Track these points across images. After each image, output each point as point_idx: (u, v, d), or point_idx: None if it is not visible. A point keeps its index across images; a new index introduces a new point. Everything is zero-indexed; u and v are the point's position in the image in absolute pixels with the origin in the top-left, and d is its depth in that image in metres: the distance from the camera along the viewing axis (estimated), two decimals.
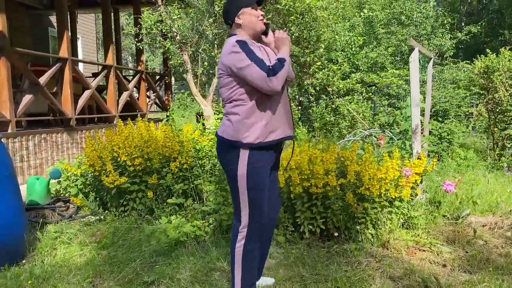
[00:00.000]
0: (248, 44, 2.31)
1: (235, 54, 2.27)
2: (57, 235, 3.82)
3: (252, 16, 2.42)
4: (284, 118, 2.43)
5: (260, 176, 2.40)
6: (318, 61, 7.20)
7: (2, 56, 5.38)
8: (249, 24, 2.42)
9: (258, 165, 2.38)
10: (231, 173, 2.41)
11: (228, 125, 2.40)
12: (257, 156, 2.37)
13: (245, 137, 2.33)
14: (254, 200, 2.42)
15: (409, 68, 4.02)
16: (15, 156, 5.49)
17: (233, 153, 2.38)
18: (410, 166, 3.71)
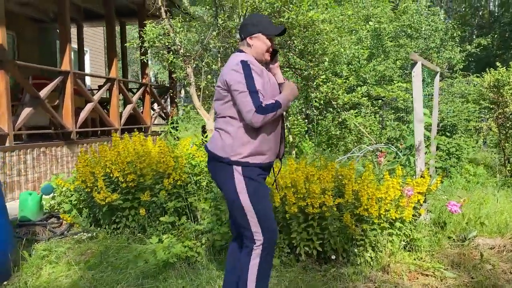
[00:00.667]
0: (250, 67, 2.28)
1: (236, 74, 2.27)
2: (46, 253, 3.71)
3: (263, 45, 2.42)
4: (273, 144, 2.41)
5: (260, 186, 2.36)
6: (322, 74, 7.08)
7: (2, 69, 5.36)
8: (258, 49, 2.43)
9: (253, 177, 2.33)
10: (230, 193, 2.35)
11: (218, 140, 2.38)
12: (250, 169, 2.33)
13: (233, 154, 2.31)
14: (262, 213, 2.35)
15: (412, 82, 3.87)
16: (12, 170, 5.43)
17: (226, 170, 2.34)
18: (413, 185, 3.54)
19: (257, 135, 2.30)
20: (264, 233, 2.33)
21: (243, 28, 2.46)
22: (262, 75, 2.32)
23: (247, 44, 2.43)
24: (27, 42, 10.44)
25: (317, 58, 7.18)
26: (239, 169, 2.30)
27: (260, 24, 2.42)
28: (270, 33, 2.41)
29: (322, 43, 6.61)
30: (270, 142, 2.36)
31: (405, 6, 11.71)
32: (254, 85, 2.23)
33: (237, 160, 2.30)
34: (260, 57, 2.44)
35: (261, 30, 2.40)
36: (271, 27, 2.44)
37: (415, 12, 11.45)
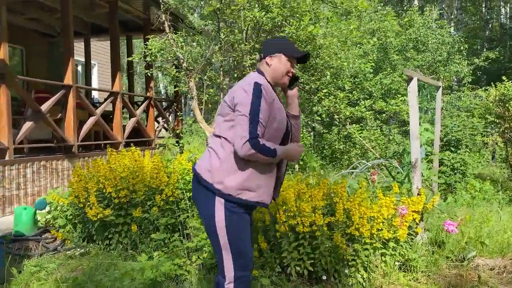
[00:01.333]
0: (262, 92, 2.10)
1: (244, 94, 2.11)
2: (37, 269, 3.68)
3: (283, 67, 2.26)
4: (267, 182, 2.21)
5: (241, 223, 2.19)
6: (324, 88, 7.04)
7: (3, 84, 5.42)
8: (276, 70, 2.26)
9: (237, 212, 2.16)
10: (207, 218, 2.20)
11: (206, 161, 2.22)
12: (233, 204, 2.15)
13: (218, 182, 2.14)
14: (238, 250, 2.19)
15: (408, 99, 3.80)
16: (12, 183, 5.45)
17: (208, 197, 2.18)
18: (408, 203, 3.45)
19: (247, 167, 2.13)
20: (237, 270, 2.19)
21: (265, 46, 2.33)
22: (271, 105, 2.14)
23: (266, 63, 2.27)
24: (36, 56, 10.61)
25: (319, 72, 7.15)
26: (222, 202, 2.14)
27: (282, 45, 2.29)
28: (292, 54, 2.26)
29: (323, 58, 6.58)
30: (261, 179, 2.17)
31: (410, 19, 11.65)
32: (258, 113, 2.07)
33: (220, 190, 2.13)
34: (277, 80, 2.27)
35: (283, 50, 2.26)
36: (295, 49, 2.30)
37: (422, 26, 11.38)
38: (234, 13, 6.40)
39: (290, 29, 6.07)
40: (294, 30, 5.98)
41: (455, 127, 6.80)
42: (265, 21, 6.39)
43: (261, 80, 2.18)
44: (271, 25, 6.41)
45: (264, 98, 2.10)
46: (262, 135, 2.11)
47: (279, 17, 6.34)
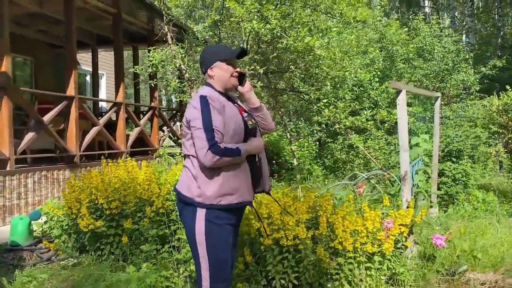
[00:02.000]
0: (209, 103, 2.18)
1: (194, 110, 2.21)
2: (29, 279, 3.74)
3: (225, 72, 2.33)
4: (243, 181, 2.27)
5: (221, 234, 2.24)
6: (324, 98, 7.04)
7: (5, 96, 5.55)
8: (221, 78, 2.34)
9: (217, 222, 2.22)
10: (189, 231, 2.27)
11: (184, 179, 2.31)
12: (216, 213, 2.22)
13: (197, 195, 2.21)
14: (215, 264, 2.24)
15: (397, 111, 3.79)
16: (12, 193, 5.55)
17: (189, 210, 2.25)
18: (394, 216, 3.43)
19: (219, 174, 2.19)
20: (214, 282, 2.23)
21: (202, 62, 2.42)
22: (223, 112, 2.21)
23: (209, 76, 2.37)
24: (44, 67, 10.83)
25: (319, 82, 7.16)
26: (203, 212, 2.20)
27: (215, 53, 2.37)
28: (227, 57, 2.33)
29: (321, 68, 6.59)
30: (236, 181, 2.22)
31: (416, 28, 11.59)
32: (211, 122, 2.14)
33: (202, 202, 2.19)
34: (226, 85, 2.35)
35: (218, 58, 2.34)
36: (227, 51, 2.37)
37: (428, 34, 11.31)
38: (233, 24, 6.46)
39: (288, 41, 6.10)
40: (291, 41, 6.01)
41: (457, 137, 6.72)
42: (264, 32, 6.43)
43: (207, 92, 2.27)
44: (270, 36, 6.45)
45: (213, 106, 2.18)
46: (221, 141, 2.17)
47: (278, 28, 6.38)
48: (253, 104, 2.45)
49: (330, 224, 3.21)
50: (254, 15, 6.43)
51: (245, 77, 2.44)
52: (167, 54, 6.91)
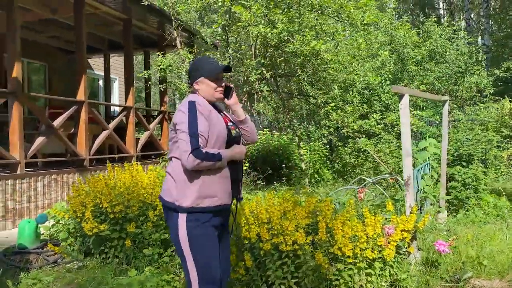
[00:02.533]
0: (196, 108, 2.26)
1: (182, 114, 2.28)
2: (33, 282, 3.80)
3: (209, 88, 2.40)
4: (223, 186, 2.33)
5: (204, 236, 2.29)
6: (332, 102, 7.01)
7: (15, 101, 5.66)
8: (205, 93, 2.41)
9: (198, 224, 2.28)
10: (173, 235, 2.33)
11: (165, 184, 2.39)
12: (196, 216, 2.28)
13: (178, 199, 2.28)
14: (202, 265, 2.29)
15: (400, 116, 3.75)
16: (22, 196, 5.66)
17: (172, 214, 2.32)
18: (396, 222, 3.39)
19: (199, 177, 2.25)
20: (202, 285, 2.27)
21: (189, 75, 2.49)
22: (209, 117, 2.28)
23: (194, 89, 2.44)
24: (58, 72, 11.02)
25: (327, 86, 7.13)
26: (184, 216, 2.26)
27: (201, 68, 2.42)
28: (211, 74, 2.38)
29: (328, 72, 6.58)
30: (216, 184, 2.29)
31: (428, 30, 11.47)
32: (196, 127, 2.21)
33: (182, 206, 2.25)
34: (210, 99, 2.41)
35: (202, 73, 2.39)
36: (212, 67, 2.41)
37: (439, 36, 11.18)
38: (240, 29, 6.49)
39: (294, 44, 6.10)
40: (298, 45, 6.01)
41: (468, 141, 6.60)
42: (270, 36, 6.45)
43: (196, 97, 2.35)
44: (277, 40, 6.46)
45: (200, 112, 2.25)
46: (205, 146, 2.24)
47: (285, 33, 6.38)
48: (239, 117, 2.53)
49: (330, 230, 3.19)
50: (261, 20, 6.46)
51: (231, 90, 2.51)
52: (175, 59, 6.98)
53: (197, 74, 2.40)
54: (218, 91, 2.42)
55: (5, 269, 4.03)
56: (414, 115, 7.61)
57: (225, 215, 2.51)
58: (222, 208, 2.35)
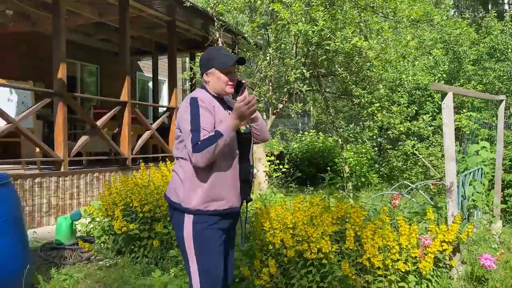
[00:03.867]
0: (198, 104, 2.15)
1: (184, 112, 2.20)
2: (66, 277, 3.86)
3: (219, 80, 2.26)
4: (231, 187, 2.22)
5: (210, 239, 2.19)
6: (376, 102, 6.66)
7: (60, 102, 5.87)
8: (214, 85, 2.28)
9: (205, 227, 2.18)
10: (178, 236, 2.26)
11: (171, 183, 2.31)
12: (203, 218, 2.18)
13: (184, 201, 2.19)
14: (205, 269, 2.19)
15: (442, 116, 3.43)
16: (65, 193, 5.85)
17: (178, 214, 2.24)
18: (436, 232, 3.09)
19: (207, 178, 2.14)
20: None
21: (200, 64, 2.37)
22: (213, 112, 2.17)
23: (204, 81, 2.33)
24: (108, 74, 11.42)
25: (372, 85, 6.80)
26: (191, 217, 2.17)
27: (213, 59, 2.28)
28: (222, 66, 2.25)
29: (373, 70, 6.25)
30: (223, 187, 2.18)
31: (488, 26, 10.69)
32: (198, 123, 2.10)
33: (188, 208, 2.16)
34: (219, 92, 2.29)
35: (214, 64, 2.26)
36: (225, 59, 2.27)
37: (500, 32, 10.38)
38: (278, 28, 6.34)
39: (335, 42, 5.85)
40: (338, 43, 5.76)
41: None
42: (311, 34, 6.24)
43: (198, 94, 2.23)
44: (317, 38, 6.24)
45: (202, 107, 2.13)
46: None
47: (326, 30, 6.15)
48: None
49: (359, 238, 2.96)
50: (302, 17, 6.27)
51: (243, 86, 2.37)
52: None
53: (209, 65, 2.28)
54: (229, 85, 2.28)
55: (40, 264, 4.16)
56: (467, 117, 7.08)
57: (233, 218, 2.38)
58: (230, 211, 2.24)
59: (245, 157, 2.34)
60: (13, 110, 5.84)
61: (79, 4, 7.33)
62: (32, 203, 5.36)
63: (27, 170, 5.91)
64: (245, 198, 2.37)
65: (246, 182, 2.33)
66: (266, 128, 2.52)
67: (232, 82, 2.28)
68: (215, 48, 2.40)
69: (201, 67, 2.32)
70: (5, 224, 3.33)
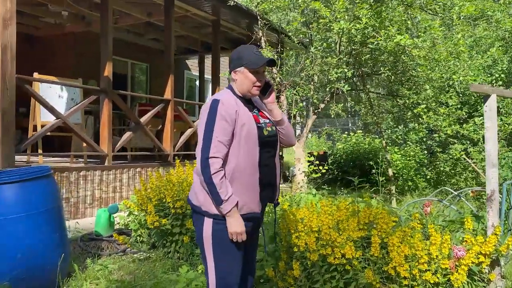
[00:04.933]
0: (218, 109, 2.13)
1: (202, 115, 2.20)
2: (101, 268, 4.02)
3: (247, 79, 2.24)
4: (250, 193, 2.20)
5: (228, 243, 2.18)
6: (422, 103, 6.37)
7: (106, 98, 6.12)
8: (242, 85, 2.27)
9: (225, 231, 2.17)
10: (198, 238, 2.27)
11: (193, 188, 2.31)
12: (222, 222, 2.17)
13: (203, 205, 2.19)
14: (222, 272, 2.20)
15: (484, 119, 3.21)
16: (108, 187, 6.09)
17: (198, 217, 2.25)
18: (471, 243, 2.90)
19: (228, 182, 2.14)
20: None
21: (229, 62, 2.35)
22: (236, 115, 2.14)
23: (232, 79, 2.31)
24: (158, 72, 11.77)
25: (418, 86, 6.51)
26: (210, 221, 2.18)
27: (243, 57, 2.25)
28: (252, 66, 2.22)
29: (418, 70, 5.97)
30: (245, 191, 2.16)
31: None
32: (211, 130, 2.10)
33: (208, 212, 2.17)
34: (245, 93, 2.28)
35: (243, 63, 2.24)
36: (255, 58, 2.24)
37: None
38: (320, 26, 6.22)
39: (379, 40, 5.65)
40: (382, 41, 5.56)
41: None
42: (355, 33, 6.08)
43: (223, 95, 2.21)
44: (360, 37, 6.06)
45: (220, 114, 2.10)
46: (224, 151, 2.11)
47: (370, 28, 5.96)
48: (275, 117, 2.37)
49: (386, 245, 2.84)
50: (345, 15, 6.11)
51: (271, 88, 2.36)
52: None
53: (238, 63, 2.25)
54: (256, 87, 2.26)
55: (79, 254, 4.36)
56: None
57: (255, 223, 2.35)
58: (250, 216, 2.22)
59: (269, 160, 2.30)
60: (63, 106, 6.16)
61: (127, 4, 7.61)
62: (77, 195, 5.64)
63: (74, 163, 6.22)
64: (272, 201, 2.35)
65: (270, 186, 2.30)
66: (292, 132, 2.48)
67: (260, 83, 2.26)
68: (247, 46, 2.35)
69: (230, 63, 2.31)
70: (44, 214, 3.52)
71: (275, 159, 2.35)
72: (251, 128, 2.19)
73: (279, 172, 2.39)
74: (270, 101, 2.36)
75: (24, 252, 3.38)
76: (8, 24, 4.82)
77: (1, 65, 4.78)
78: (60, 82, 6.05)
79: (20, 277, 3.37)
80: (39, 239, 3.44)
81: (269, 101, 2.36)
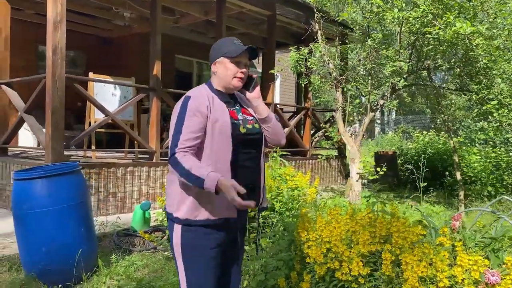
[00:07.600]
0: (188, 103, 1.99)
1: (173, 114, 2.06)
2: (129, 264, 4.07)
3: (227, 71, 2.08)
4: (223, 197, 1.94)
5: (197, 250, 2.03)
6: (494, 99, 5.59)
7: (155, 96, 6.24)
8: (222, 76, 2.10)
9: (195, 238, 2.03)
10: (171, 245, 2.13)
11: (166, 194, 2.20)
12: (193, 229, 2.03)
13: (174, 210, 2.06)
14: (192, 281, 2.05)
15: None
16: (156, 183, 6.21)
17: (170, 224, 2.12)
18: (510, 267, 2.41)
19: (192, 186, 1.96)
20: None
21: (210, 54, 2.18)
22: (201, 116, 1.97)
23: (212, 73, 2.14)
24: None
25: (489, 79, 5.76)
26: (179, 227, 2.03)
27: (222, 47, 2.09)
28: (231, 54, 2.04)
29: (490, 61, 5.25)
30: (212, 195, 1.93)
31: None
32: (181, 125, 1.95)
33: (178, 218, 2.03)
34: (226, 85, 2.09)
35: (223, 53, 2.07)
36: (233, 47, 2.06)
37: None
38: (372, 16, 5.74)
39: (435, 29, 5.06)
40: (438, 30, 4.96)
41: None
42: (412, 22, 5.53)
43: (194, 91, 2.07)
44: (419, 25, 5.48)
45: (190, 110, 1.95)
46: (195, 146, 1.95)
47: (429, 16, 5.36)
48: (260, 114, 2.17)
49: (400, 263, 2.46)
50: (402, 3, 5.58)
51: (254, 82, 2.15)
52: (302, 54, 6.65)
53: (217, 54, 2.10)
54: (237, 78, 2.07)
55: (112, 249, 4.45)
56: None
57: (235, 229, 2.15)
58: (222, 222, 2.03)
59: (249, 161, 2.10)
60: (116, 103, 6.40)
61: (183, 3, 7.71)
62: (124, 190, 5.81)
63: (122, 159, 6.42)
64: (258, 206, 2.14)
65: (252, 190, 2.06)
66: (281, 131, 2.26)
67: (242, 74, 2.08)
68: (227, 38, 2.19)
69: (210, 57, 2.15)
70: (70, 209, 3.62)
71: (258, 160, 2.13)
72: (224, 125, 2.01)
73: (263, 174, 2.17)
74: (254, 96, 2.15)
75: (49, 245, 3.51)
76: (58, 26, 5.08)
77: (51, 65, 5.06)
78: (110, 81, 6.28)
79: (45, 270, 3.51)
80: (64, 233, 3.55)
81: (253, 96, 2.15)
